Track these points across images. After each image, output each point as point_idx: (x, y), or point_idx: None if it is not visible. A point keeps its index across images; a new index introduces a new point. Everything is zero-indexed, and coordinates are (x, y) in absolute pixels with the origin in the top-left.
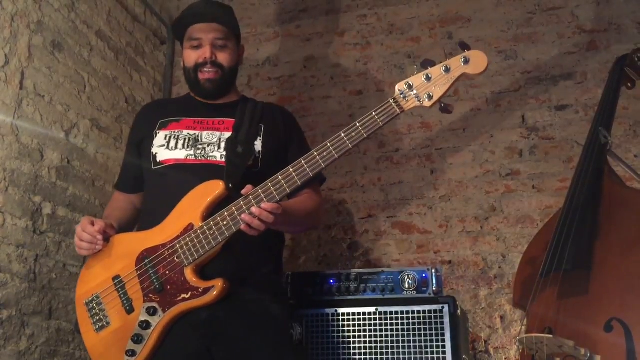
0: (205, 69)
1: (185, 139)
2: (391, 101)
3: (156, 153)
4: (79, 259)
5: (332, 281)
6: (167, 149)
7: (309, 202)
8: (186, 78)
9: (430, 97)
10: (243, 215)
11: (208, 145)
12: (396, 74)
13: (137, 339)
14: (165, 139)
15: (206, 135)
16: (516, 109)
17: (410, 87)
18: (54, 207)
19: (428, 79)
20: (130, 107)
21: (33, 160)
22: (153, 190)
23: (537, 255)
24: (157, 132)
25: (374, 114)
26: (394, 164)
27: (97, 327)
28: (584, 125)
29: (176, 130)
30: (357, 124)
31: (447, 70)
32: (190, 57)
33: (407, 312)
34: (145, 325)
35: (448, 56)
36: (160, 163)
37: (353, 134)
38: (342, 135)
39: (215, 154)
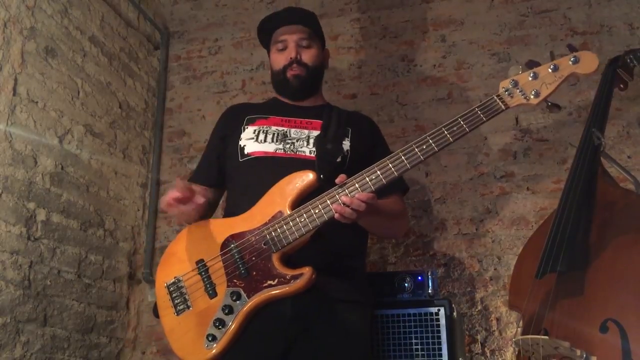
0: (292, 68)
1: (274, 134)
2: (495, 97)
3: (244, 145)
4: (74, 266)
5: None
6: (256, 141)
7: (396, 206)
8: (274, 82)
9: (537, 95)
10: (334, 205)
11: (297, 141)
12: (390, 77)
13: (219, 324)
14: (254, 132)
15: (294, 132)
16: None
17: (515, 85)
18: (48, 214)
19: (535, 77)
20: (124, 113)
21: (27, 167)
22: (240, 182)
23: (532, 256)
24: (245, 127)
25: (477, 109)
26: None
27: (178, 309)
28: (577, 127)
29: (264, 126)
30: (459, 119)
31: (555, 69)
32: (278, 60)
33: (404, 315)
34: (228, 310)
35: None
36: (248, 155)
37: (455, 128)
38: (443, 129)
39: (304, 149)
